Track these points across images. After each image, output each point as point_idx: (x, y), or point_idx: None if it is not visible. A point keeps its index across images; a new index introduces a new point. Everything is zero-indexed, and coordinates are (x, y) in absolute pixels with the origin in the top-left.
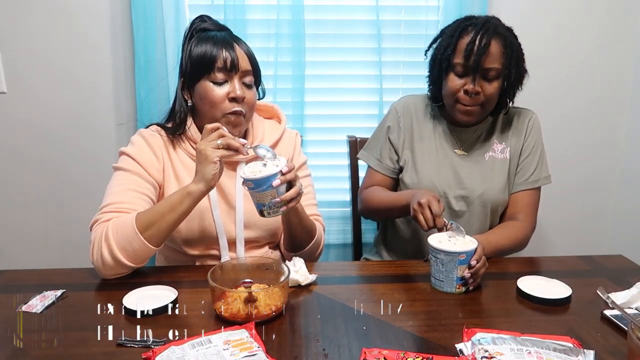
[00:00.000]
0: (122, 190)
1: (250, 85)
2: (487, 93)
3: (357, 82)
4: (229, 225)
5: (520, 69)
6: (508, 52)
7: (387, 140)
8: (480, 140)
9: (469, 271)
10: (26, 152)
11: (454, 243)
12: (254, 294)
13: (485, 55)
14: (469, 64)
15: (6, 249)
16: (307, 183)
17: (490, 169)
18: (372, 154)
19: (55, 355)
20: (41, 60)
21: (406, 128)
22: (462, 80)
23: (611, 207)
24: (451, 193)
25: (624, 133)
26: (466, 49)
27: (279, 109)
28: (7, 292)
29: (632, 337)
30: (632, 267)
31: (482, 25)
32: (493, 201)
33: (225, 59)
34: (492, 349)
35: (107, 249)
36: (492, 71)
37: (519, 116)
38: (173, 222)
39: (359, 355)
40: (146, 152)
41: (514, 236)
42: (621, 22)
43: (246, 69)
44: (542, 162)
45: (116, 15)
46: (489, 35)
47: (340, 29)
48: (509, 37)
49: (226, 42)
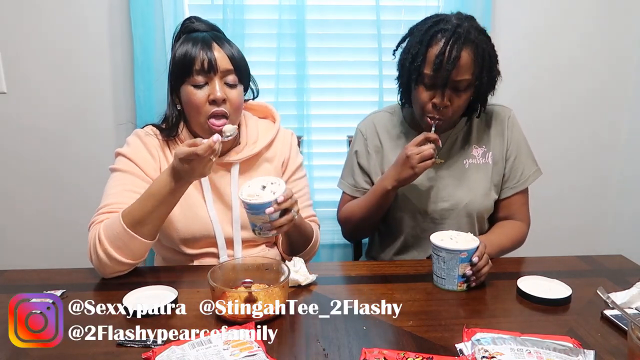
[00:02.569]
0: (118, 191)
1: (234, 85)
2: (456, 105)
3: (357, 82)
4: (226, 225)
5: (492, 74)
6: (479, 61)
7: (358, 166)
8: (457, 146)
9: (470, 268)
10: (26, 152)
11: (455, 241)
12: (254, 294)
13: (455, 69)
14: (438, 77)
15: (6, 249)
16: (303, 184)
17: (472, 178)
18: (347, 181)
19: (55, 355)
20: (41, 60)
21: (375, 150)
22: (430, 93)
23: (612, 209)
24: (434, 207)
25: (625, 135)
26: (435, 61)
27: (273, 108)
28: (7, 292)
29: (632, 337)
30: (632, 267)
31: (452, 32)
32: (478, 210)
33: (202, 60)
34: (492, 349)
35: (101, 248)
36: (462, 82)
37: (496, 116)
38: (162, 213)
39: (359, 355)
40: (142, 152)
41: (513, 235)
42: (621, 22)
43: (226, 68)
44: (528, 159)
45: (115, 15)
46: (459, 46)
47: (340, 29)
48: (481, 44)
49: (205, 42)
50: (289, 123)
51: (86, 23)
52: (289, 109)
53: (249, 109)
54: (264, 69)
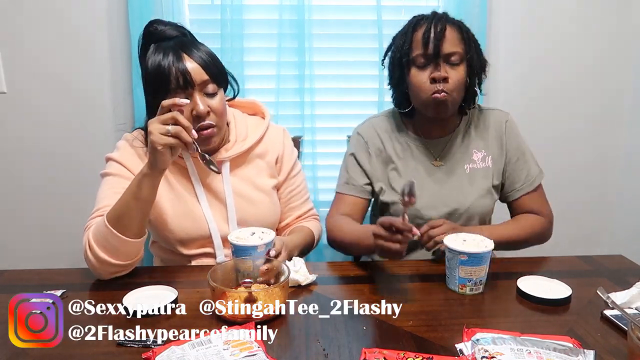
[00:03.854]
0: (109, 194)
1: (214, 94)
2: (455, 78)
3: (357, 82)
4: (222, 224)
5: (481, 57)
6: (465, 37)
7: (357, 165)
8: (457, 150)
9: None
10: (26, 151)
11: (461, 241)
12: (254, 294)
13: (443, 39)
14: (429, 53)
15: (6, 249)
16: (300, 179)
17: (473, 182)
18: (340, 181)
19: (55, 355)
20: (41, 61)
21: (377, 153)
22: (426, 71)
23: (612, 209)
24: (435, 212)
25: (626, 135)
26: (423, 38)
27: (262, 104)
28: (7, 292)
29: (632, 337)
30: (632, 267)
31: (433, 16)
32: (480, 213)
33: (177, 77)
34: (492, 349)
35: (91, 252)
36: (454, 55)
37: (494, 120)
38: (140, 210)
39: (359, 355)
40: (132, 155)
41: (526, 225)
42: (622, 21)
43: (202, 79)
44: (531, 161)
45: (113, 15)
46: (443, 23)
47: (341, 29)
48: (463, 26)
49: (175, 53)
50: (290, 123)
51: (85, 23)
52: (289, 109)
53: (237, 106)
54: (263, 69)
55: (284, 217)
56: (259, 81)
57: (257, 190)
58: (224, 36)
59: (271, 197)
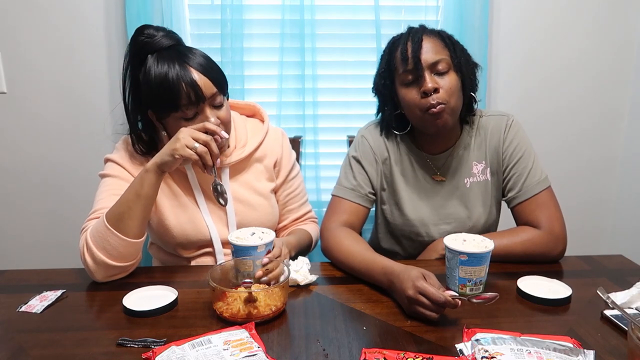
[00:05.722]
0: (108, 196)
1: (221, 105)
2: (447, 86)
3: (357, 82)
4: (223, 229)
5: (470, 61)
6: (448, 43)
7: (363, 171)
8: (458, 164)
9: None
10: (26, 152)
11: (461, 241)
12: (254, 294)
13: (421, 50)
14: (410, 67)
15: (6, 249)
16: (298, 182)
17: (473, 198)
18: (345, 185)
19: (55, 355)
20: (41, 60)
21: (383, 160)
22: (415, 87)
23: (612, 209)
24: (436, 230)
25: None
26: (402, 54)
27: (261, 107)
28: (7, 292)
29: (632, 337)
30: (632, 267)
31: (409, 31)
32: (482, 226)
33: (187, 93)
34: (492, 349)
35: (89, 253)
36: (439, 64)
37: (493, 126)
38: (141, 208)
39: (359, 355)
40: (130, 156)
41: (518, 237)
42: (622, 21)
43: (212, 93)
44: (532, 167)
45: (111, 15)
46: (419, 35)
47: (340, 29)
48: (444, 33)
49: (180, 67)
50: (292, 123)
51: (84, 23)
52: (291, 109)
53: (235, 108)
54: (264, 69)
55: (282, 219)
56: (259, 81)
57: (256, 194)
58: (224, 36)
59: (270, 201)
